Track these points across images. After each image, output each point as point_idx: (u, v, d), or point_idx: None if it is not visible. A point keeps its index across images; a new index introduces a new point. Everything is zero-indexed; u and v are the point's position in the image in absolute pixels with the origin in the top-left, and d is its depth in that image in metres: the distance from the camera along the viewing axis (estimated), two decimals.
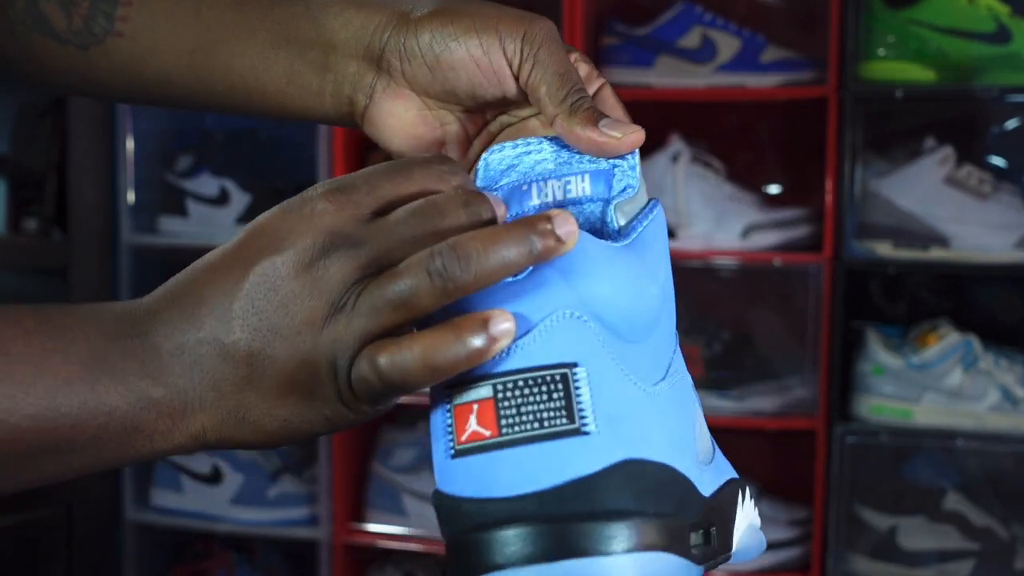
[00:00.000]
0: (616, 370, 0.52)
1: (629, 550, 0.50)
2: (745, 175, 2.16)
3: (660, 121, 2.16)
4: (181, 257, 0.56)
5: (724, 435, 2.52)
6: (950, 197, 1.98)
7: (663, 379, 0.55)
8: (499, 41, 0.62)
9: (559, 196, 0.59)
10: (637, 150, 0.59)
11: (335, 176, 2.18)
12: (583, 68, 0.65)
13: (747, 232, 2.07)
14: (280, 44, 0.67)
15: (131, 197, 2.33)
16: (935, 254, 1.97)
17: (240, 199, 2.33)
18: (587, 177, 0.59)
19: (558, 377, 0.51)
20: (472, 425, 0.52)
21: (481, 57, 0.63)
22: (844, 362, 2.00)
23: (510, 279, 0.53)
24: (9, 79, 0.75)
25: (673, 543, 0.52)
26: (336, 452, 2.23)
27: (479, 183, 0.59)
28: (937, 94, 2.01)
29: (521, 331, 0.52)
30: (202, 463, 2.32)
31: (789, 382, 2.11)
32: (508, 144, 0.60)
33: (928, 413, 1.96)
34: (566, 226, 0.51)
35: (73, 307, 0.54)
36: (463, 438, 0.52)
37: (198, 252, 0.56)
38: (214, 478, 2.32)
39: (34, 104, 2.42)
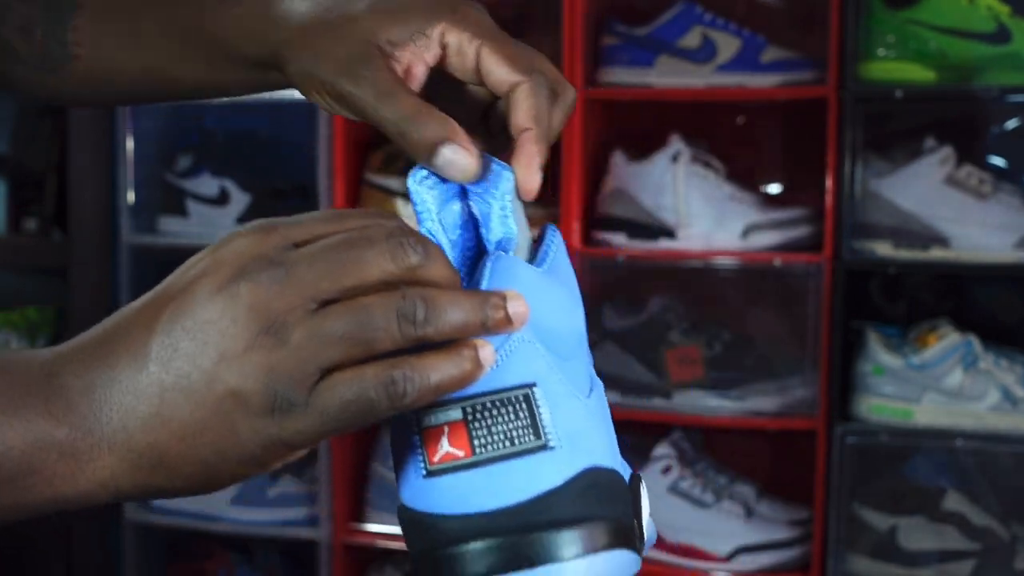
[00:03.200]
0: (563, 387, 0.57)
1: (579, 555, 0.54)
2: (745, 175, 2.16)
3: (660, 121, 2.16)
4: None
5: (724, 435, 2.49)
6: (950, 197, 1.98)
7: (592, 389, 0.59)
8: (344, 85, 0.61)
9: (466, 217, 0.61)
10: (509, 194, 0.59)
11: (335, 176, 2.19)
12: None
13: (747, 232, 2.07)
14: (219, 63, 0.69)
15: (131, 197, 2.33)
16: (935, 254, 1.97)
17: (240, 199, 2.32)
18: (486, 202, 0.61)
19: (521, 397, 0.55)
20: (444, 446, 0.54)
21: (347, 97, 0.61)
22: (844, 362, 2.00)
23: None
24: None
25: (625, 540, 0.56)
26: (336, 452, 2.23)
27: (417, 207, 0.60)
28: (937, 94, 2.01)
29: None
30: None
31: (789, 382, 2.11)
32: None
33: (928, 413, 1.96)
34: (518, 308, 0.53)
35: None
36: (436, 459, 0.55)
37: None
38: None
39: (34, 104, 2.42)
